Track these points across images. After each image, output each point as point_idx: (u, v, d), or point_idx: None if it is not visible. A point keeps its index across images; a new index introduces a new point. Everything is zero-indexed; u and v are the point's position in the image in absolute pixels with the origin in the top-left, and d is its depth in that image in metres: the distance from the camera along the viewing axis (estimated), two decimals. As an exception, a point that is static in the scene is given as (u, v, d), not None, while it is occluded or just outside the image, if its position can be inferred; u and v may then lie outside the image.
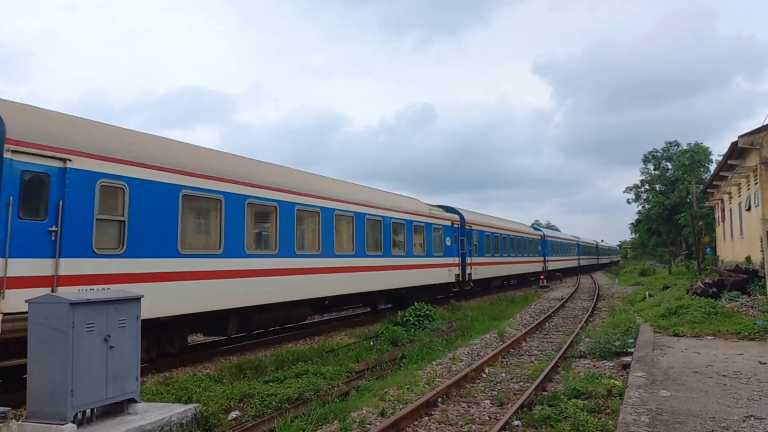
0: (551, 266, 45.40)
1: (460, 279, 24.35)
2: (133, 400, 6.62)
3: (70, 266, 8.31)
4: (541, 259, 42.09)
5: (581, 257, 63.45)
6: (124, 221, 9.26)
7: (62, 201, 8.27)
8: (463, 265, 24.67)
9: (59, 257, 8.16)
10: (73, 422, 5.84)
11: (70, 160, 8.44)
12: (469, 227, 25.84)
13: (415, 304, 16.67)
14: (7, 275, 7.51)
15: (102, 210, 8.89)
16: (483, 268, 27.52)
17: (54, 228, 8.15)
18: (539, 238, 43.03)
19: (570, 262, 56.44)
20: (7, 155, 7.67)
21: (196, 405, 7.19)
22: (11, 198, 7.64)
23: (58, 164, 8.30)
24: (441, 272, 22.45)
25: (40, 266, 7.95)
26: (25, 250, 7.79)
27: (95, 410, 6.24)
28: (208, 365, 11.22)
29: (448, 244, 23.39)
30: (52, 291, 7.90)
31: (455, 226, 24.30)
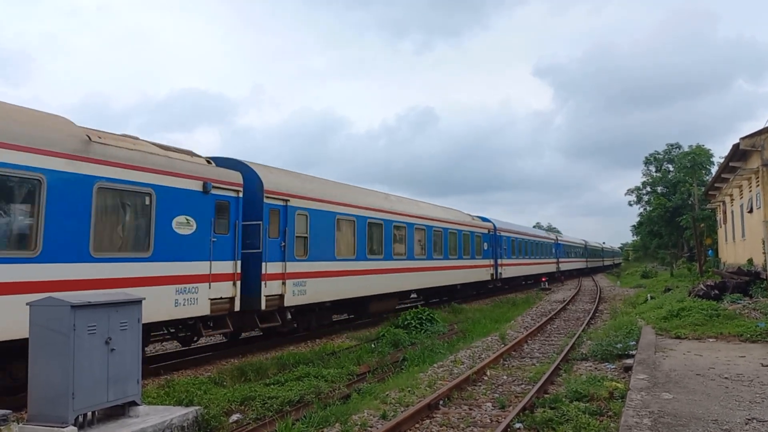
0: (563, 267, 49.58)
1: (494, 277, 29.70)
2: (134, 403, 6.61)
3: (289, 267, 13.51)
4: (555, 260, 46.39)
5: (588, 259, 65.82)
6: (306, 237, 14.30)
7: (286, 226, 13.47)
8: (496, 266, 30.09)
9: (286, 261, 13.40)
10: (74, 425, 5.83)
11: (288, 200, 13.67)
12: (499, 234, 31.10)
13: (418, 307, 16.79)
14: (266, 272, 12.77)
15: (299, 230, 14.04)
16: (511, 268, 33.09)
17: (283, 243, 13.34)
18: (553, 241, 47.51)
19: (579, 263, 59.30)
20: (265, 200, 12.92)
21: (197, 408, 7.18)
22: (262, 224, 12.71)
23: (282, 203, 13.52)
24: (481, 271, 28.16)
25: (279, 267, 13.21)
26: (273, 257, 13.02)
27: (96, 413, 6.23)
28: (209, 368, 11.22)
29: (485, 248, 28.77)
30: (283, 283, 13.20)
31: (490, 233, 29.72)
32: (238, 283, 11.89)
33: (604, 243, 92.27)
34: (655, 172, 65.12)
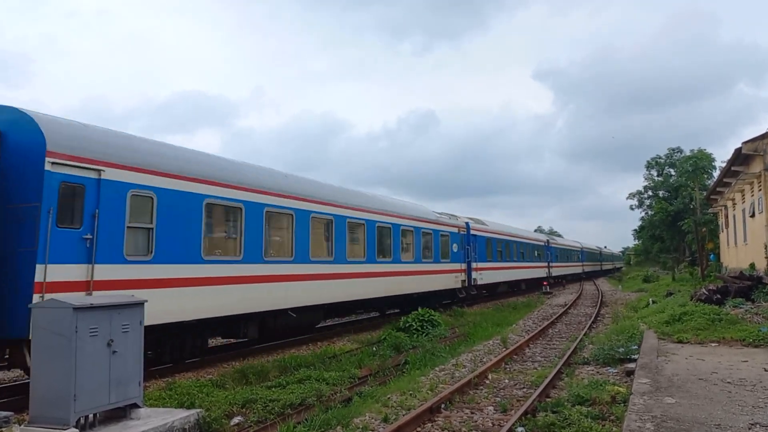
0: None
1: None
2: (135, 406, 6.61)
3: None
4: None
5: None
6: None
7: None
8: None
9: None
10: (76, 427, 5.83)
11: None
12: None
13: (419, 309, 16.65)
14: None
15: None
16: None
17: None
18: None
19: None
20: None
21: (198, 410, 7.18)
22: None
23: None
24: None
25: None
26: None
27: (98, 415, 6.23)
28: (211, 370, 11.21)
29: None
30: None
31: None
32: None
33: (605, 247, 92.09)
34: (657, 176, 65.14)
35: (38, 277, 8.02)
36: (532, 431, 6.92)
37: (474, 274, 25.74)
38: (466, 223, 26.05)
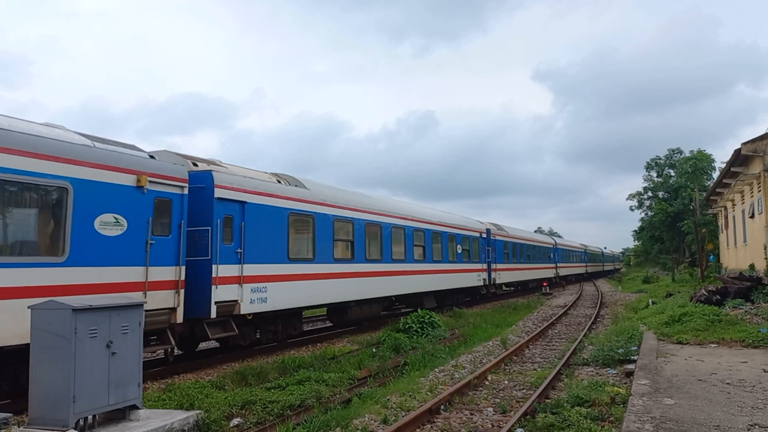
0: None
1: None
2: (135, 407, 6.61)
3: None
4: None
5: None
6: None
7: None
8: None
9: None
10: (75, 429, 5.83)
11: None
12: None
13: (419, 310, 16.75)
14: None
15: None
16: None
17: None
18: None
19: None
20: None
21: (197, 412, 7.18)
22: None
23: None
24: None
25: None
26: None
27: (97, 417, 6.24)
28: (210, 372, 11.20)
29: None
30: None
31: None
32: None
33: (605, 248, 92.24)
34: (657, 177, 65.22)
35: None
36: (531, 432, 6.92)
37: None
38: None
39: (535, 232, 62.45)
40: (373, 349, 13.45)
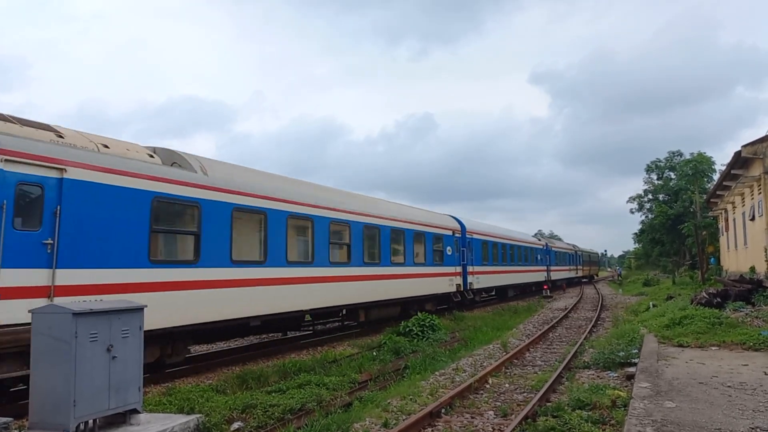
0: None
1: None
2: (135, 411, 6.60)
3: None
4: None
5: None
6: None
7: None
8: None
9: None
10: (75, 433, 5.82)
11: None
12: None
13: (419, 314, 16.63)
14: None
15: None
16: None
17: None
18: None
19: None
20: None
21: (198, 416, 7.16)
22: None
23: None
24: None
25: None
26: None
27: (97, 421, 6.22)
28: (211, 375, 11.19)
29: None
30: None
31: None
32: None
33: (604, 251, 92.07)
34: (657, 179, 65.19)
35: None
36: (532, 436, 6.91)
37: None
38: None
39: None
40: (374, 353, 13.44)
